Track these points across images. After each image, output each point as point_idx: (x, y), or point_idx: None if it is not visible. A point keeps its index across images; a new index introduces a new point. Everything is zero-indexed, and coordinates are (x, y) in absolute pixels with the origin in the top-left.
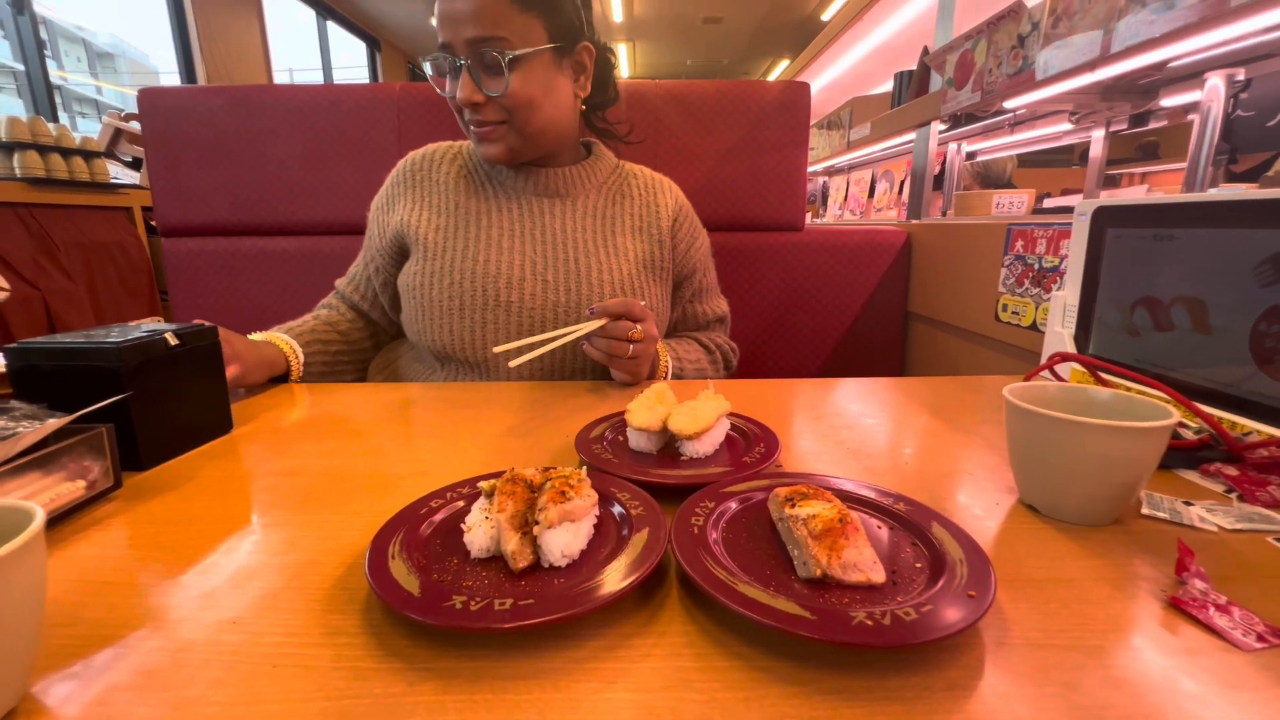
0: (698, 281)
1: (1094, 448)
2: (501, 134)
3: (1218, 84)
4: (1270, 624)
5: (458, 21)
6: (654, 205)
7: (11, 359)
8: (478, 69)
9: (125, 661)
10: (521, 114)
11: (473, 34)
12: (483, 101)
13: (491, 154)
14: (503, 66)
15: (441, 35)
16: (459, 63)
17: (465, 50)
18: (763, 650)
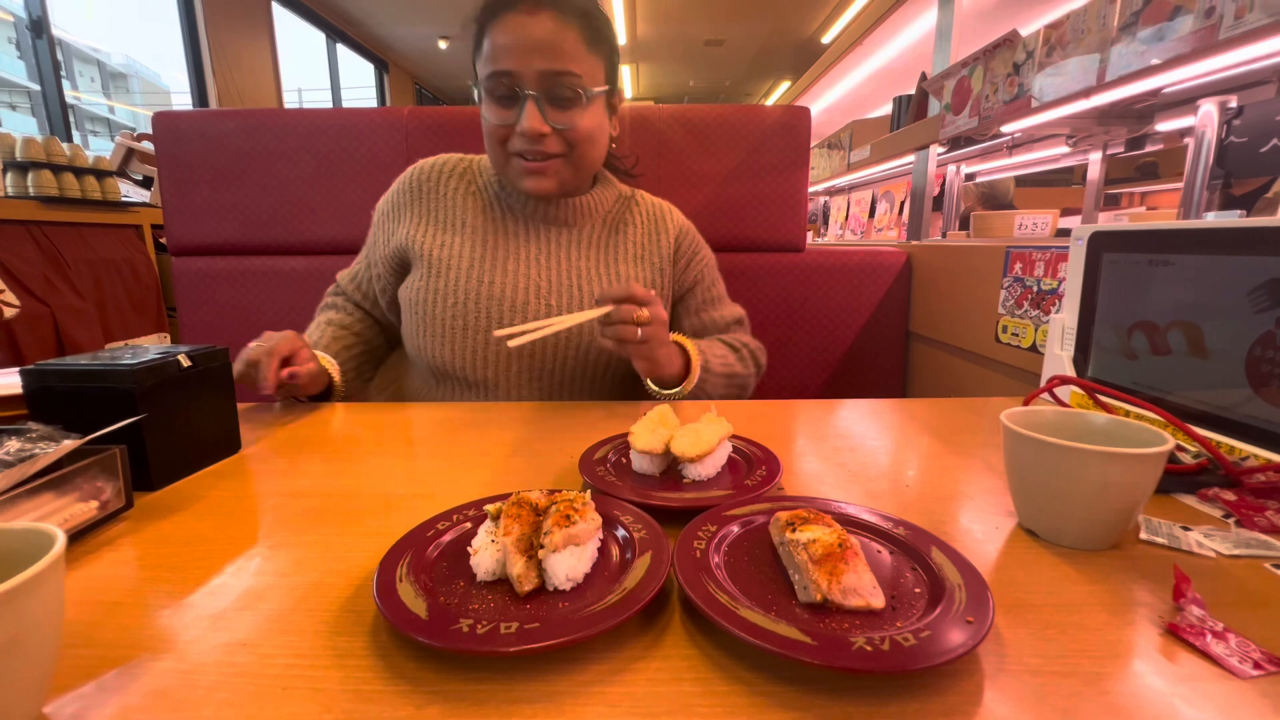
0: (703, 293)
1: (1090, 473)
2: (556, 168)
3: (1211, 110)
4: (1267, 651)
5: (531, 51)
6: (655, 233)
7: (28, 380)
8: (544, 101)
9: (137, 683)
10: (581, 149)
11: (547, 66)
12: (547, 133)
13: (543, 187)
14: (577, 101)
15: (503, 63)
16: (525, 92)
17: (536, 81)
18: (764, 675)
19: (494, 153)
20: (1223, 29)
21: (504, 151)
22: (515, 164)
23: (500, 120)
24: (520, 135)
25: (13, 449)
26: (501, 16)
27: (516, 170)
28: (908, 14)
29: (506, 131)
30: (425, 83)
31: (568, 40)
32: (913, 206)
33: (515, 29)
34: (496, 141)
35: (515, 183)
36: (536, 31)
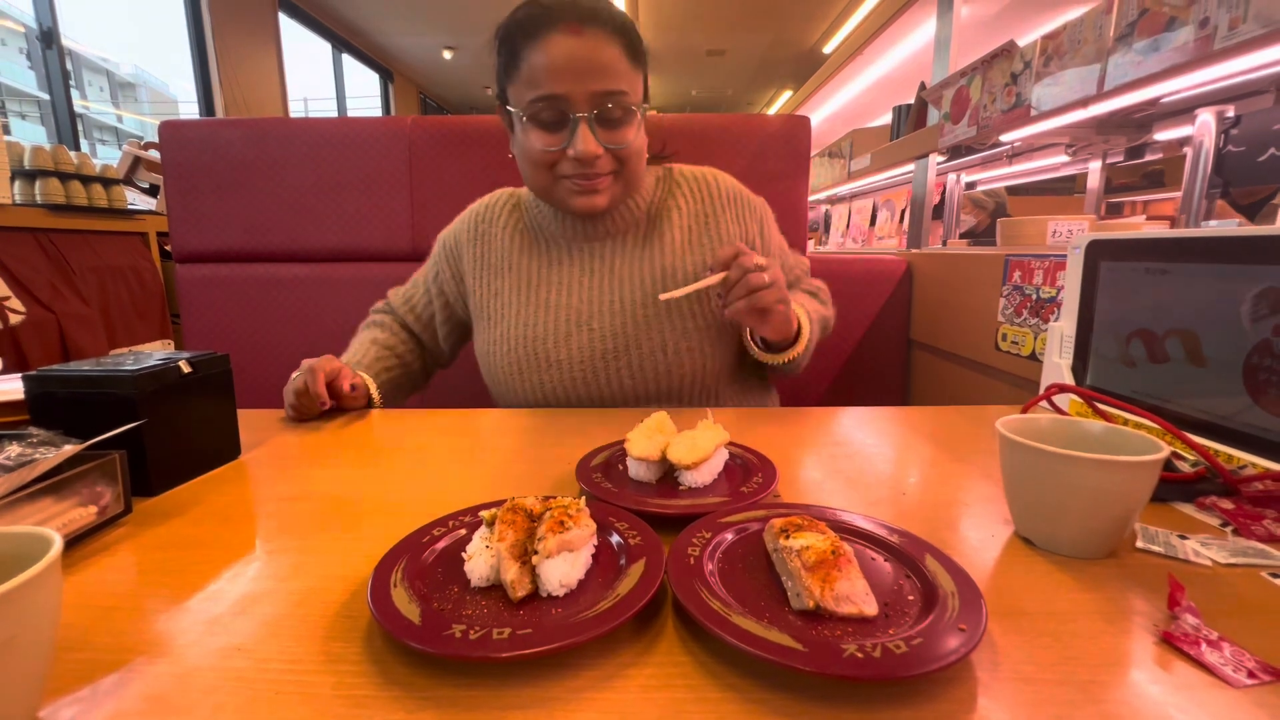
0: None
1: (1085, 481)
2: (608, 184)
3: (1208, 120)
4: (1261, 660)
5: (582, 72)
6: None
7: (30, 386)
8: (595, 122)
9: (131, 687)
10: (632, 164)
11: (599, 87)
12: (602, 154)
13: (599, 204)
14: (627, 119)
15: (552, 86)
16: (576, 116)
17: (587, 103)
18: (756, 681)
19: (539, 178)
20: (1217, 39)
21: (551, 175)
22: (565, 186)
23: (548, 145)
24: (574, 160)
25: (13, 454)
26: (542, 37)
27: (567, 191)
28: (907, 24)
29: (556, 156)
30: (430, 92)
31: (614, 58)
32: (913, 215)
33: (561, 49)
34: (544, 167)
35: (565, 203)
36: (584, 51)
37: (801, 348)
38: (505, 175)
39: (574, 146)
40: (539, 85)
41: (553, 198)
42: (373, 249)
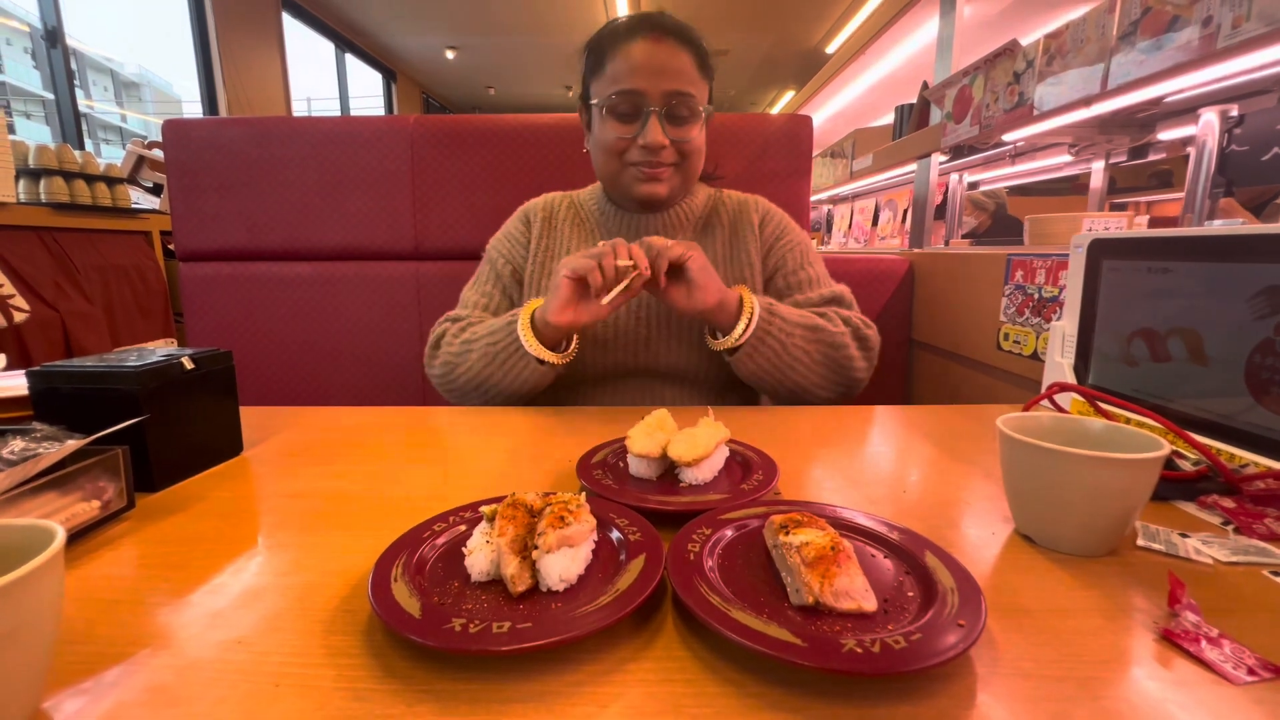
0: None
1: (1085, 479)
2: (669, 175)
3: (1212, 119)
4: (1261, 657)
5: (658, 73)
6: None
7: (34, 382)
8: (664, 117)
9: (134, 679)
10: (692, 160)
11: (671, 86)
12: (667, 145)
13: (659, 192)
14: (692, 118)
15: (631, 82)
16: (648, 109)
17: (659, 99)
18: (755, 676)
19: (610, 165)
20: (1220, 38)
21: (620, 163)
22: (632, 172)
23: (621, 134)
24: (643, 148)
25: (17, 448)
26: (630, 41)
27: (633, 178)
28: (910, 24)
29: (626, 144)
30: (432, 92)
31: (686, 64)
32: (915, 215)
33: (641, 52)
34: (615, 154)
35: (629, 189)
36: (661, 55)
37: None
38: (507, 175)
39: (644, 136)
40: (619, 81)
41: (620, 184)
42: (375, 248)
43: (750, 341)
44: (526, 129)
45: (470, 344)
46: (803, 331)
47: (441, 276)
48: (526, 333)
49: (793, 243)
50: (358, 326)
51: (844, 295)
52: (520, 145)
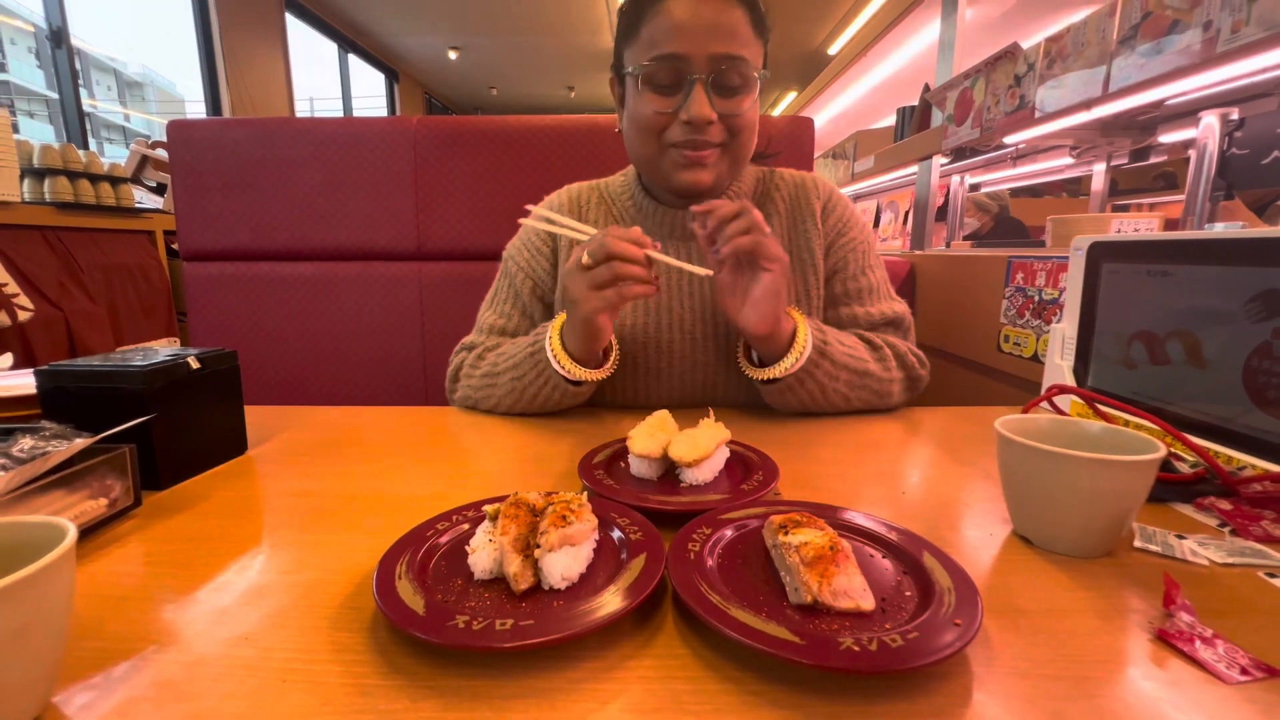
0: (845, 282)
1: (1082, 480)
2: (715, 159)
3: (1212, 122)
4: (1254, 657)
5: (703, 33)
6: (800, 218)
7: (42, 381)
8: (711, 86)
9: (142, 674)
10: (743, 137)
11: (721, 49)
12: (715, 120)
13: (701, 179)
14: (745, 87)
15: (672, 45)
16: (693, 77)
17: (705, 65)
18: (754, 674)
19: (645, 146)
20: (1220, 42)
21: (659, 144)
22: (672, 156)
23: (660, 108)
24: (686, 123)
25: (26, 446)
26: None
27: (673, 163)
28: (911, 26)
29: (666, 120)
30: (435, 92)
31: (738, 22)
32: (916, 217)
33: (683, 8)
34: (652, 133)
35: (668, 176)
36: (707, 12)
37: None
38: (510, 176)
39: (687, 110)
40: (657, 45)
41: (658, 170)
42: (377, 248)
43: (789, 380)
44: (529, 130)
45: (493, 379)
46: (848, 376)
47: (444, 277)
48: (560, 356)
49: (856, 240)
50: (360, 326)
51: (904, 318)
52: (523, 146)
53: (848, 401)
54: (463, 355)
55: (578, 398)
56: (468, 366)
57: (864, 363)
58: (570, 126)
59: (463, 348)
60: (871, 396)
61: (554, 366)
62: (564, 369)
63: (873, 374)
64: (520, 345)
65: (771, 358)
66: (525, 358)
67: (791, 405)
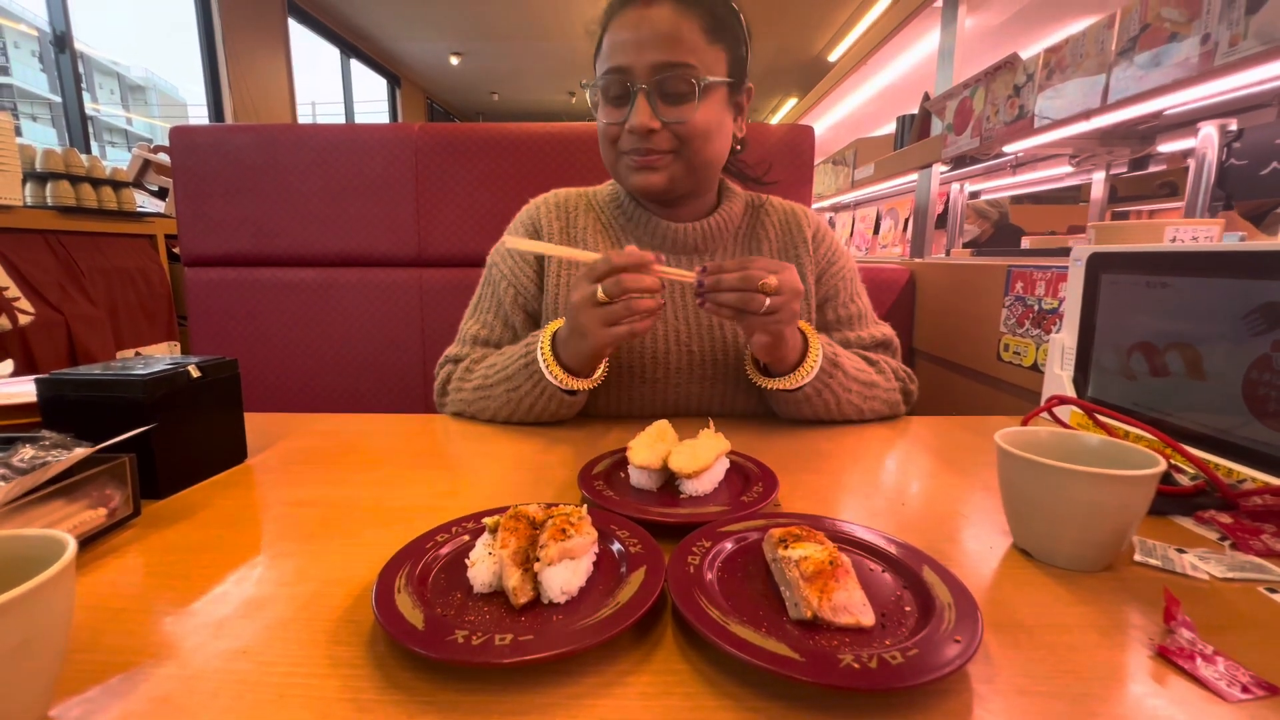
0: (838, 309)
1: (1081, 494)
2: (667, 163)
3: (1211, 133)
4: (1255, 675)
5: (644, 45)
6: (791, 245)
7: (42, 389)
8: (655, 95)
9: (140, 688)
10: (695, 144)
11: (660, 58)
12: (657, 129)
13: (652, 182)
14: (690, 94)
15: (616, 59)
16: (636, 87)
17: (646, 75)
18: (753, 690)
19: (606, 155)
20: (1218, 55)
21: (615, 152)
22: (625, 163)
23: (611, 119)
24: (629, 132)
25: (27, 456)
26: (621, 12)
27: (625, 168)
28: (912, 34)
29: (618, 130)
30: (436, 97)
31: (686, 30)
32: (915, 225)
33: (633, 23)
34: (608, 142)
35: (625, 180)
36: (652, 23)
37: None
38: (510, 183)
39: (630, 119)
40: (610, 58)
41: (617, 176)
42: (379, 254)
43: (806, 390)
44: (529, 138)
45: (486, 390)
46: (859, 387)
47: (445, 283)
48: (554, 368)
49: (844, 269)
50: (361, 332)
51: (893, 340)
52: (523, 154)
53: (859, 412)
54: (448, 368)
55: (573, 407)
56: (456, 380)
57: (868, 371)
58: (570, 134)
59: (447, 360)
60: (881, 406)
61: (549, 379)
62: (558, 380)
63: (879, 384)
64: (512, 356)
65: (782, 372)
66: (519, 369)
67: (805, 414)
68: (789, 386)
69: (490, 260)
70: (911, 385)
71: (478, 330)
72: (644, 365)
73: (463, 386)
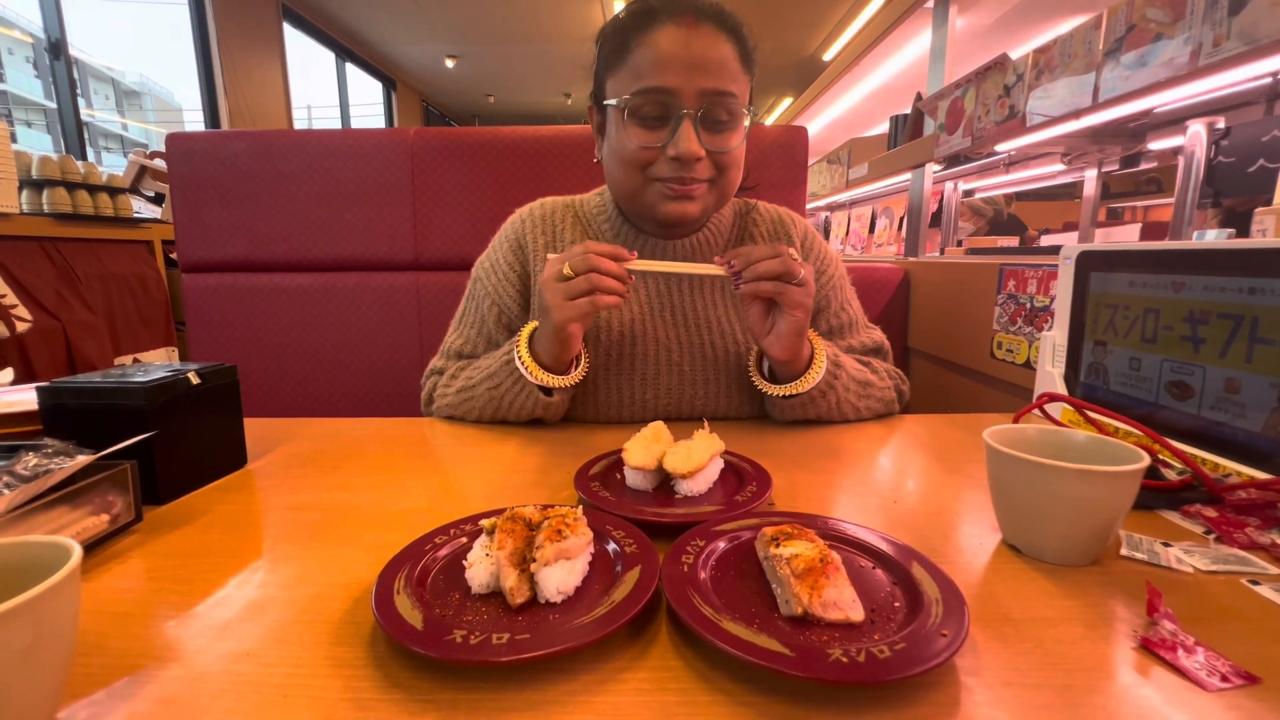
0: (830, 319)
1: (1067, 490)
2: (702, 193)
3: (1199, 131)
4: (1234, 664)
5: (694, 68)
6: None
7: (44, 398)
8: (699, 122)
9: (145, 690)
10: (730, 174)
11: (709, 85)
12: (704, 156)
13: (688, 212)
14: (730, 123)
15: (661, 78)
16: (682, 112)
17: (694, 100)
18: (746, 686)
19: (629, 179)
20: (1202, 56)
21: (643, 177)
22: (656, 190)
23: (646, 143)
24: (674, 160)
25: (30, 464)
26: (657, 28)
27: (658, 195)
28: (904, 34)
29: (653, 155)
30: (432, 100)
31: (728, 57)
32: (909, 224)
33: (673, 41)
34: (637, 167)
35: (653, 209)
36: (699, 46)
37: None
38: (506, 186)
39: (675, 145)
40: (644, 77)
41: (641, 202)
42: (375, 259)
43: (811, 394)
44: (525, 141)
45: (469, 391)
46: (857, 387)
47: (441, 287)
48: (529, 364)
49: (834, 277)
50: (358, 336)
51: (884, 345)
52: (519, 157)
53: (856, 411)
54: (434, 379)
55: (552, 409)
56: (440, 387)
57: (865, 373)
58: (565, 137)
59: (432, 372)
60: (877, 405)
61: (525, 375)
62: (534, 376)
63: (874, 384)
64: (495, 357)
65: (790, 377)
66: (500, 367)
67: (806, 416)
68: (799, 390)
69: (475, 274)
70: (904, 386)
71: (461, 345)
72: (635, 367)
73: (446, 392)
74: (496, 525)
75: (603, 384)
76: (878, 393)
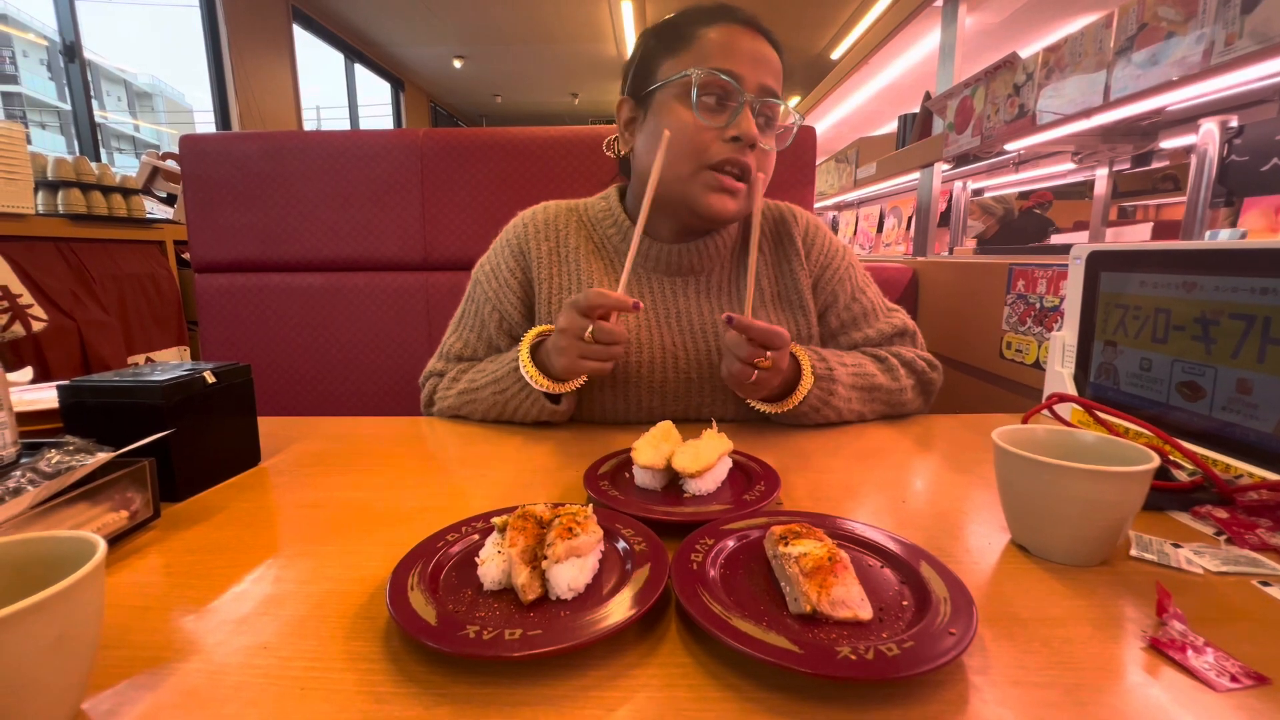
0: (840, 313)
1: (1076, 491)
2: (743, 193)
3: (1212, 129)
4: (1244, 665)
5: (760, 64)
6: (784, 256)
7: (64, 396)
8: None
9: (167, 682)
10: (764, 178)
11: (769, 83)
12: (759, 144)
13: (729, 209)
14: (773, 127)
15: (731, 62)
16: (745, 98)
17: (756, 91)
18: (754, 682)
19: (684, 163)
20: (1214, 54)
21: (692, 165)
22: (708, 177)
23: (711, 122)
24: (732, 141)
25: (53, 461)
26: (724, 23)
27: (705, 185)
28: (913, 33)
29: (713, 136)
30: (440, 100)
31: (779, 69)
32: (918, 223)
33: (742, 37)
34: (695, 149)
35: (698, 198)
36: (763, 48)
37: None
38: (515, 187)
39: (737, 125)
40: (712, 59)
41: (685, 191)
42: (385, 259)
43: (803, 409)
44: (533, 141)
45: (472, 394)
46: (860, 394)
47: (450, 286)
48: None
49: (842, 270)
50: (369, 336)
51: (908, 328)
52: (528, 157)
53: (862, 416)
54: (433, 381)
55: (556, 414)
56: (441, 389)
57: (871, 378)
58: (574, 137)
59: (430, 374)
60: (884, 408)
61: (531, 383)
62: (540, 385)
63: (881, 387)
64: (499, 361)
65: (779, 397)
66: (507, 373)
67: (808, 426)
68: (784, 409)
69: (475, 276)
70: (933, 373)
71: (460, 349)
72: (641, 375)
73: (447, 395)
74: (508, 523)
75: (609, 391)
76: (885, 395)
